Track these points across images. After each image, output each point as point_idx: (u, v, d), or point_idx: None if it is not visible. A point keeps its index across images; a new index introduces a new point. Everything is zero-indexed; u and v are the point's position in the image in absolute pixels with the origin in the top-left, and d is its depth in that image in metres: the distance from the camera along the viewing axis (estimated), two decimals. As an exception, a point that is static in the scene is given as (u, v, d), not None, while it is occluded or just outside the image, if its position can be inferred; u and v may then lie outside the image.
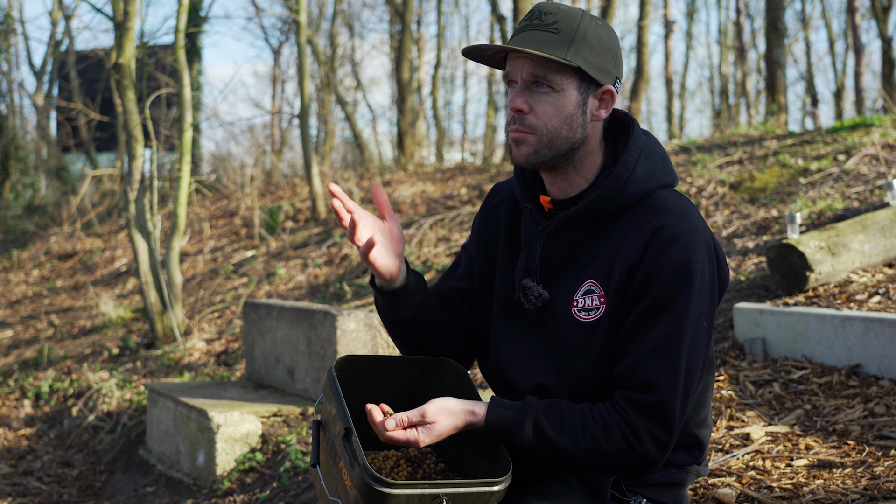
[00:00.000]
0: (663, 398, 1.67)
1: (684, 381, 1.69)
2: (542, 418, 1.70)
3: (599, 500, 1.74)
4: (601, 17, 12.21)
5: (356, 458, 1.60)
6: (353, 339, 4.17)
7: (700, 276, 1.71)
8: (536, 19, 1.73)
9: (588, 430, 1.69)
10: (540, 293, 1.81)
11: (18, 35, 18.53)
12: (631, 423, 1.68)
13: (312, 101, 17.83)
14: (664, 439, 1.69)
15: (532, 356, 1.83)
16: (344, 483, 1.65)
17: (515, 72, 1.75)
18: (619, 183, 1.76)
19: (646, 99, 23.34)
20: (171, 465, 4.58)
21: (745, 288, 4.41)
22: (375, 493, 1.57)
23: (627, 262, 1.72)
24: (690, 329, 1.69)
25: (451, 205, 8.54)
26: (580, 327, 1.77)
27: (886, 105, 10.14)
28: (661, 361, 1.68)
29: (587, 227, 1.80)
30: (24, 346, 8.35)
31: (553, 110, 1.74)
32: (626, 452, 1.69)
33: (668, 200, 1.76)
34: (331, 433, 1.73)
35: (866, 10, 16.38)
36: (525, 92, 1.75)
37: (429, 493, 1.59)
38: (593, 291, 1.77)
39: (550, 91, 1.73)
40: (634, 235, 1.73)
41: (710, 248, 1.74)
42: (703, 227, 1.75)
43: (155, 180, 6.89)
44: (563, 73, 1.73)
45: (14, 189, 15.68)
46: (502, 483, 1.64)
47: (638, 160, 1.78)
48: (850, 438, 2.81)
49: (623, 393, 1.71)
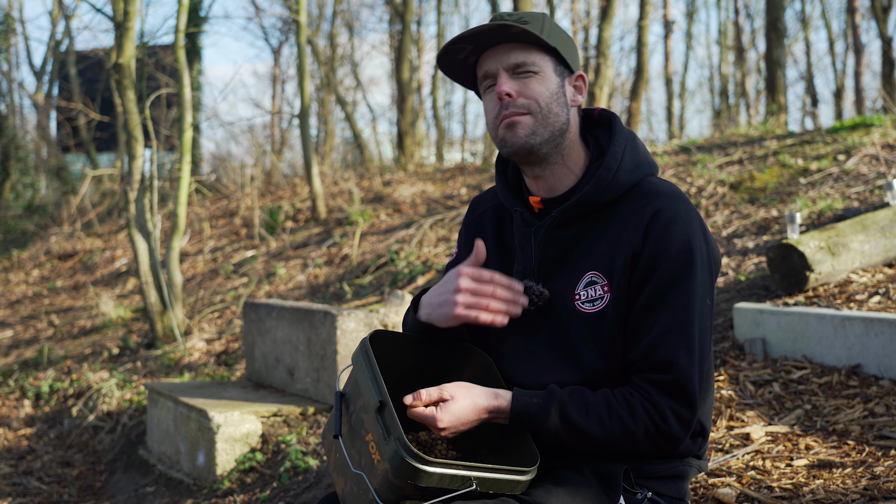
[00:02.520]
0: (683, 376, 1.70)
1: (699, 358, 1.72)
2: (567, 404, 1.71)
3: (612, 490, 1.75)
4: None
5: (391, 432, 1.58)
6: (353, 338, 4.17)
7: (700, 255, 1.75)
8: (501, 19, 1.78)
9: (614, 413, 1.70)
10: (541, 292, 1.82)
11: (18, 35, 18.55)
12: (655, 403, 1.70)
13: (312, 101, 17.83)
14: (687, 416, 1.71)
15: (537, 356, 1.84)
16: (371, 456, 1.64)
17: (496, 63, 1.79)
18: (611, 173, 1.78)
19: (646, 99, 23.35)
20: (171, 465, 4.58)
21: (745, 288, 4.41)
22: (409, 468, 1.55)
23: (630, 248, 1.75)
24: (699, 306, 1.73)
25: (451, 205, 8.55)
26: (586, 319, 1.78)
27: (886, 105, 10.14)
28: (676, 340, 1.70)
29: (582, 222, 1.82)
30: (24, 346, 8.35)
31: (542, 88, 1.78)
32: (653, 432, 1.70)
33: (660, 185, 1.80)
34: (356, 405, 1.71)
35: (866, 10, 16.38)
36: (509, 79, 1.79)
37: (461, 475, 1.58)
38: (595, 282, 1.78)
39: (532, 74, 1.78)
40: (633, 221, 1.76)
41: (703, 227, 1.79)
42: (694, 207, 1.80)
43: (155, 180, 6.89)
44: (542, 55, 1.79)
45: (14, 189, 15.69)
46: (530, 473, 1.65)
47: (625, 150, 1.82)
48: (850, 438, 2.81)
49: (643, 375, 1.73)
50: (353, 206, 9.39)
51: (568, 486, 1.73)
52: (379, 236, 8.14)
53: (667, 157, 7.90)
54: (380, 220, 8.67)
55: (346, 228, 8.68)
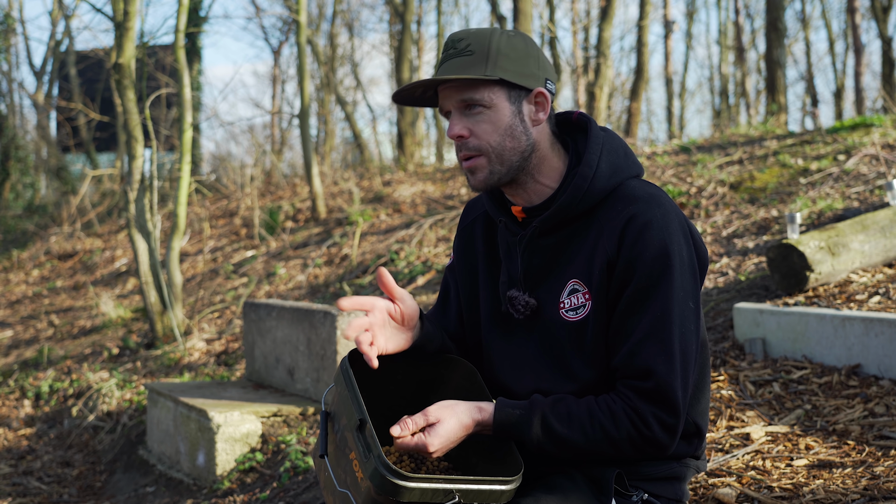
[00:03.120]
0: (663, 382, 1.69)
1: (681, 363, 1.71)
2: (549, 414, 1.71)
3: (604, 495, 1.75)
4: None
5: (371, 449, 1.59)
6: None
7: (679, 258, 1.73)
8: (451, 48, 1.79)
9: (596, 421, 1.70)
10: (527, 301, 1.83)
11: (18, 35, 18.56)
12: (637, 409, 1.69)
13: (312, 101, 17.83)
14: (671, 422, 1.70)
15: (527, 364, 1.85)
16: (354, 475, 1.65)
17: (446, 103, 1.80)
18: (586, 181, 1.78)
19: (646, 99, 23.35)
20: (171, 465, 4.58)
21: (745, 288, 4.41)
22: (390, 484, 1.56)
23: (606, 255, 1.75)
24: (678, 311, 1.71)
25: (451, 205, 8.55)
26: (570, 328, 1.79)
27: (886, 105, 10.14)
28: (654, 347, 1.70)
29: (563, 230, 1.82)
30: (24, 346, 8.35)
31: (491, 127, 1.77)
32: (636, 438, 1.70)
33: (637, 189, 1.79)
34: (340, 424, 1.72)
35: (866, 10, 16.38)
36: (461, 118, 1.79)
37: (442, 488, 1.59)
38: (577, 290, 1.79)
39: (483, 109, 1.77)
40: (608, 227, 1.76)
41: (684, 229, 1.77)
42: (675, 209, 1.78)
43: (155, 180, 6.89)
44: (489, 88, 1.77)
45: (14, 189, 15.68)
46: (513, 482, 1.65)
47: (601, 156, 1.80)
48: (850, 438, 2.81)
49: (624, 382, 1.72)
50: (353, 206, 9.39)
51: (558, 494, 1.73)
52: (379, 236, 8.15)
53: (667, 157, 7.91)
54: (380, 220, 8.67)
55: (346, 228, 8.68)
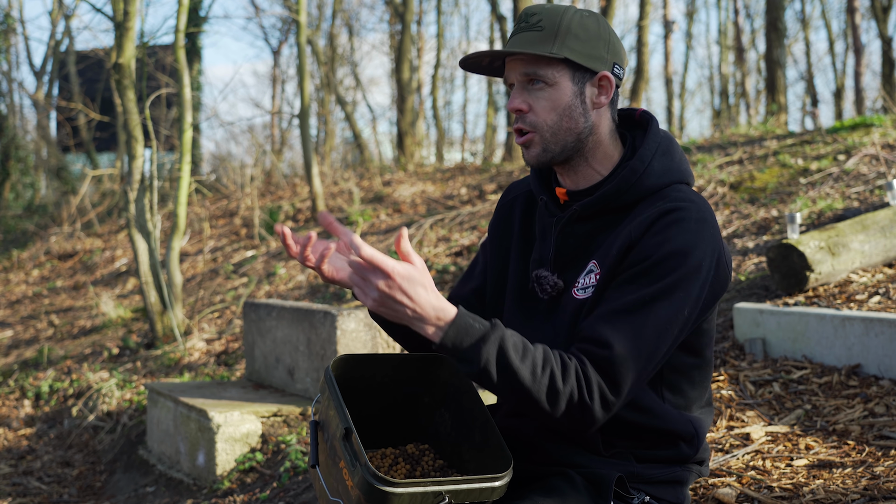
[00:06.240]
0: (617, 358, 1.62)
1: (645, 355, 1.64)
2: (507, 340, 1.61)
3: (603, 498, 1.73)
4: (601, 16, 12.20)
5: (357, 457, 1.60)
6: (353, 339, 4.17)
7: (696, 265, 1.68)
8: (523, 22, 1.80)
9: (548, 366, 1.62)
10: (555, 282, 1.82)
11: (18, 35, 18.55)
12: (586, 372, 1.64)
13: (312, 101, 17.83)
14: (610, 399, 1.64)
15: (545, 344, 1.83)
16: (345, 483, 1.65)
17: (511, 75, 1.81)
18: (636, 175, 1.77)
19: (646, 99, 23.35)
20: (171, 465, 4.58)
21: (745, 288, 4.42)
22: (378, 492, 1.56)
23: (629, 238, 1.72)
24: (667, 309, 1.66)
25: (451, 205, 8.55)
26: (577, 305, 1.77)
27: (886, 105, 10.14)
28: (626, 325, 1.64)
29: (601, 218, 1.81)
30: (24, 346, 8.35)
31: (549, 104, 1.78)
32: (576, 400, 1.62)
33: (684, 192, 1.76)
34: (329, 433, 1.73)
35: (866, 10, 16.38)
36: (522, 92, 1.80)
37: (431, 491, 1.58)
38: (592, 270, 1.78)
39: (545, 86, 1.78)
40: (641, 217, 1.73)
41: (714, 246, 1.72)
42: (713, 223, 1.73)
43: (155, 180, 6.89)
44: (554, 66, 1.77)
45: (14, 189, 15.69)
46: (504, 478, 1.63)
47: (655, 154, 1.80)
48: (850, 438, 2.81)
49: (580, 346, 1.67)
50: (353, 206, 9.39)
51: (556, 496, 1.71)
52: (379, 236, 8.15)
53: (667, 157, 7.91)
54: (380, 220, 8.67)
55: (346, 228, 8.69)
